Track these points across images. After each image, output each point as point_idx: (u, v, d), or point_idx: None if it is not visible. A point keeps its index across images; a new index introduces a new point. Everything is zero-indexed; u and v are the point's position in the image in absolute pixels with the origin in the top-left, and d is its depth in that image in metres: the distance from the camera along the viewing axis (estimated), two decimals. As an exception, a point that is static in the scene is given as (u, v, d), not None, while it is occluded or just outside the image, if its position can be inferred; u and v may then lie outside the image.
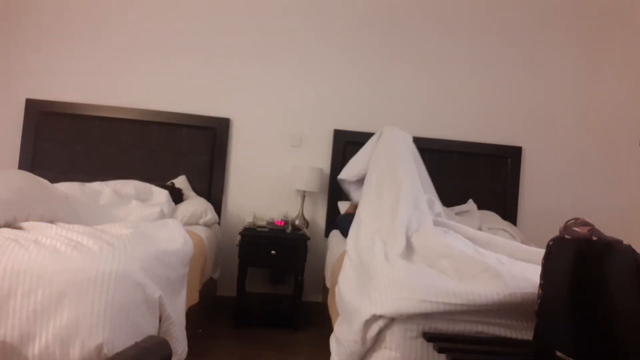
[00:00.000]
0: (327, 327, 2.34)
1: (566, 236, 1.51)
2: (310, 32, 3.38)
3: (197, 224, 2.86)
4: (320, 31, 3.39)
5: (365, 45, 3.41)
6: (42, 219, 1.84)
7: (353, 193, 3.03)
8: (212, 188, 3.30)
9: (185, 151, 3.29)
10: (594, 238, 1.42)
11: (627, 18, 3.52)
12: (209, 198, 3.23)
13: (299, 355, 2.40)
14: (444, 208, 2.94)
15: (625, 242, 1.41)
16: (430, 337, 1.56)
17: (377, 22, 3.42)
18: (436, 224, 2.28)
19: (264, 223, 3.08)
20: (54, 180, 2.56)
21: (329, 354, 1.79)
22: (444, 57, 3.45)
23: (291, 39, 3.37)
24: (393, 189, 2.35)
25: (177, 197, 2.96)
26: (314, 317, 3.02)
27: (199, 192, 3.21)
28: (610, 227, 3.24)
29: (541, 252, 1.66)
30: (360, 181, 2.88)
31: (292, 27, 3.38)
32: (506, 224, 2.98)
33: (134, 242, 1.63)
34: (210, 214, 2.93)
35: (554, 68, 3.49)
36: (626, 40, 3.52)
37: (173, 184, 3.08)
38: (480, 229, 2.88)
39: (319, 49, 3.37)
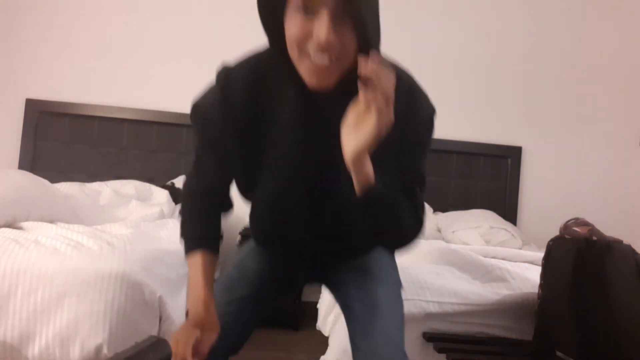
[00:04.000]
0: (327, 327, 2.34)
1: (566, 236, 1.51)
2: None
3: (197, 224, 2.86)
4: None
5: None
6: (42, 219, 1.84)
7: None
8: (212, 188, 3.29)
9: (185, 151, 3.29)
10: (594, 238, 1.43)
11: (626, 16, 3.51)
12: (209, 198, 3.22)
13: (299, 355, 2.40)
14: None
15: (625, 242, 1.41)
16: (430, 337, 1.57)
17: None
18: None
19: (264, 223, 3.08)
20: (54, 180, 2.55)
21: (329, 354, 1.79)
22: (443, 56, 3.45)
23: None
24: None
25: (177, 197, 2.95)
26: (314, 317, 3.02)
27: (199, 192, 3.21)
28: (610, 227, 3.23)
29: (540, 255, 1.66)
30: None
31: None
32: (507, 224, 2.98)
33: (134, 242, 1.64)
34: (210, 214, 2.92)
35: (554, 67, 3.49)
36: (626, 39, 3.51)
37: (173, 184, 3.08)
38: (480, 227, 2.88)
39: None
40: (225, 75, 0.98)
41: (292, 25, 0.81)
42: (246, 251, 1.22)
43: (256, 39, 3.38)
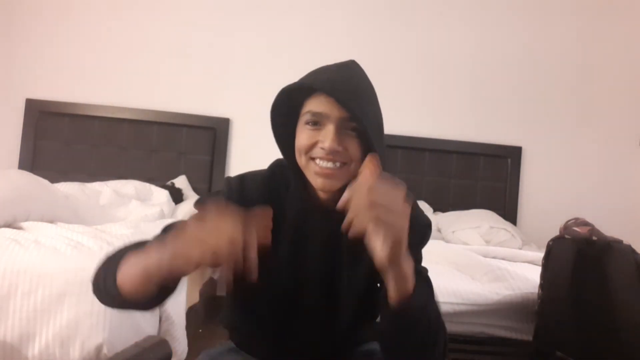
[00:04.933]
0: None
1: (566, 236, 1.52)
2: (311, 33, 3.38)
3: (197, 224, 2.86)
4: (321, 32, 3.39)
5: (364, 45, 3.40)
6: (42, 219, 1.84)
7: None
8: (212, 188, 3.29)
9: (185, 151, 3.29)
10: (594, 238, 1.43)
11: (626, 16, 3.51)
12: (209, 198, 3.22)
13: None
14: None
15: (625, 242, 1.42)
16: (430, 337, 1.56)
17: (376, 21, 3.42)
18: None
19: (264, 223, 3.07)
20: (54, 180, 2.55)
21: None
22: (444, 56, 3.45)
23: (292, 39, 3.37)
24: None
25: (177, 197, 2.96)
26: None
27: (199, 192, 3.21)
28: (610, 227, 3.23)
29: (540, 255, 1.66)
30: None
31: (293, 28, 3.38)
32: (507, 224, 2.98)
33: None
34: (210, 214, 2.92)
35: (554, 67, 3.49)
36: (626, 39, 3.51)
37: (173, 184, 3.08)
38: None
39: (320, 49, 3.37)
40: (241, 179, 0.98)
41: (302, 136, 0.90)
42: (225, 348, 1.11)
43: (256, 39, 3.32)
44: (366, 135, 0.86)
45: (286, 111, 0.93)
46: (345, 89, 0.86)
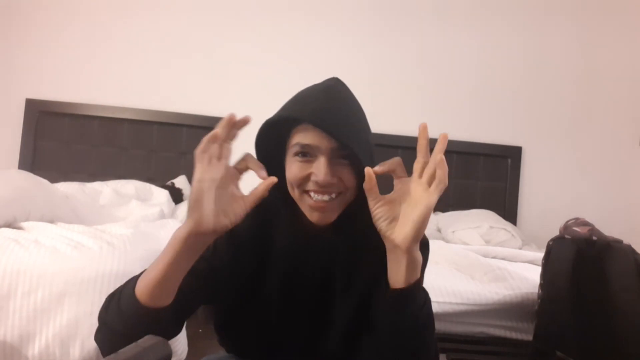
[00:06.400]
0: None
1: (566, 236, 1.52)
2: (313, 33, 3.38)
3: (197, 224, 2.85)
4: (323, 33, 3.39)
5: (366, 45, 3.41)
6: (42, 218, 1.84)
7: None
8: (212, 188, 3.29)
9: (185, 151, 3.29)
10: (594, 238, 1.43)
11: (625, 17, 3.51)
12: (209, 198, 3.21)
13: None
14: None
15: (625, 242, 1.42)
16: (430, 337, 1.56)
17: (378, 22, 3.42)
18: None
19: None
20: (54, 180, 2.55)
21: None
22: (444, 56, 3.45)
23: (292, 39, 3.37)
24: None
25: (177, 197, 2.96)
26: None
27: (199, 192, 3.20)
28: (610, 227, 3.23)
29: (540, 255, 1.66)
30: None
31: (294, 28, 3.38)
32: (507, 224, 2.98)
33: (134, 242, 1.64)
34: (210, 214, 2.92)
35: (554, 67, 3.49)
36: (625, 40, 3.51)
37: (173, 184, 3.08)
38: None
39: (321, 48, 3.37)
40: None
41: (293, 169, 0.86)
42: (226, 355, 1.10)
43: (257, 39, 3.30)
44: (358, 160, 0.83)
45: (271, 140, 0.90)
46: (333, 118, 0.83)
